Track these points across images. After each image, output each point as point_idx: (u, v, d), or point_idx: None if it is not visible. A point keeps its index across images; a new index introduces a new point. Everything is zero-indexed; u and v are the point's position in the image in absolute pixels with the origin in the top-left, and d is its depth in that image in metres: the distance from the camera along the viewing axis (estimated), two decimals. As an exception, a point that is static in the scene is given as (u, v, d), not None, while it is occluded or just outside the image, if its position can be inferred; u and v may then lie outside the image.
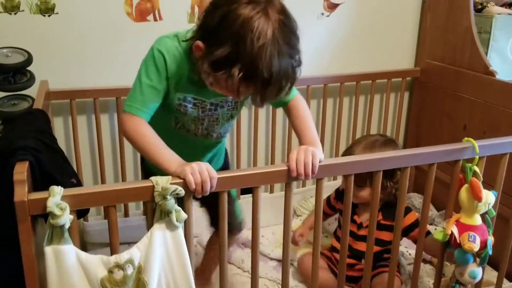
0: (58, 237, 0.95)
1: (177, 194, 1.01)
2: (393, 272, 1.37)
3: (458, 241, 1.28)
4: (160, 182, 1.01)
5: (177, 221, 1.03)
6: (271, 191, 2.15)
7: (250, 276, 1.73)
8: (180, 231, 1.05)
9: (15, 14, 1.66)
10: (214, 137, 1.31)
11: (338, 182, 2.08)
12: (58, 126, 1.82)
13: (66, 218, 0.93)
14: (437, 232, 1.34)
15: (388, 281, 1.38)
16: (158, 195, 1.00)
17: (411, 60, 2.30)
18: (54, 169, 1.07)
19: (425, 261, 1.86)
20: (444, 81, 2.10)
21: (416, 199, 2.21)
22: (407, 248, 1.90)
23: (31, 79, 1.49)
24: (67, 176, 1.13)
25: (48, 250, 0.95)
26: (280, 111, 2.11)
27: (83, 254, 0.99)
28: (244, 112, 2.06)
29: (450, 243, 1.32)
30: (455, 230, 1.28)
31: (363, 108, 2.27)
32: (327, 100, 2.12)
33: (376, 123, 2.32)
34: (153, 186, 1.00)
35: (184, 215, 1.03)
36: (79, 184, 1.19)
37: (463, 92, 1.99)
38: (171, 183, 1.01)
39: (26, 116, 1.28)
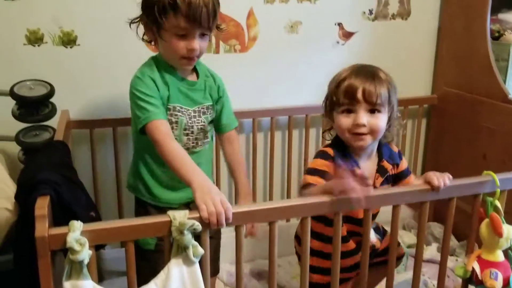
0: (77, 272, 0.96)
1: (194, 229, 1.01)
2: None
3: (480, 278, 1.25)
4: (177, 217, 1.01)
5: (194, 256, 1.03)
6: (288, 220, 2.14)
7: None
8: (197, 266, 1.05)
9: (38, 46, 1.71)
10: (203, 145, 1.44)
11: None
12: (78, 155, 1.84)
13: (85, 254, 0.94)
14: (458, 268, 1.31)
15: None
16: (175, 230, 1.01)
17: (428, 87, 2.29)
18: (74, 202, 1.09)
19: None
20: (462, 109, 2.08)
21: (436, 229, 2.18)
22: (430, 279, 1.86)
23: (53, 110, 1.53)
24: (86, 209, 1.15)
25: (67, 285, 0.96)
26: (295, 144, 2.12)
27: (100, 289, 0.99)
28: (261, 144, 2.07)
29: (472, 280, 1.30)
30: (476, 267, 1.26)
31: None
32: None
33: (393, 150, 2.30)
34: (170, 221, 1.01)
35: (201, 251, 1.04)
36: (98, 216, 1.21)
37: (482, 120, 1.97)
38: (188, 218, 1.02)
39: (47, 149, 1.31)
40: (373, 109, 1.27)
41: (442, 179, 1.24)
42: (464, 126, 2.08)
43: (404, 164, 1.45)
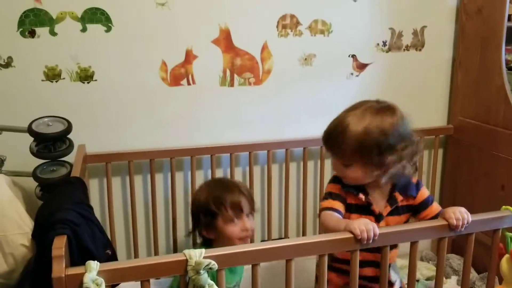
0: (93, 313, 0.96)
1: (210, 268, 1.01)
2: None
3: (502, 316, 1.22)
4: (193, 256, 1.01)
5: (210, 296, 1.02)
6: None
7: None
8: (213, 306, 1.04)
9: (56, 82, 1.75)
10: None
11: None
12: (94, 188, 1.86)
13: (102, 294, 0.94)
14: (479, 305, 1.28)
15: None
16: (192, 269, 1.00)
17: (444, 118, 2.28)
18: (91, 241, 1.09)
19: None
20: (479, 139, 2.06)
21: (454, 261, 2.13)
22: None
23: (70, 146, 1.55)
24: (102, 247, 1.15)
25: (84, 325, 0.96)
26: (311, 176, 2.11)
27: (117, 329, 0.99)
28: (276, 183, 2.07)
29: (494, 318, 1.26)
30: (498, 304, 1.22)
31: (395, 165, 2.24)
32: (358, 158, 2.10)
33: (409, 181, 2.27)
34: (186, 260, 1.01)
35: (217, 290, 1.03)
36: (113, 254, 1.21)
37: (499, 151, 1.95)
38: (205, 257, 1.01)
39: (64, 186, 1.32)
40: (344, 163, 1.32)
41: (461, 219, 1.21)
42: (481, 157, 2.05)
43: (423, 194, 1.41)
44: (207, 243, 1.59)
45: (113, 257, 1.21)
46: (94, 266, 0.96)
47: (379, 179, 1.30)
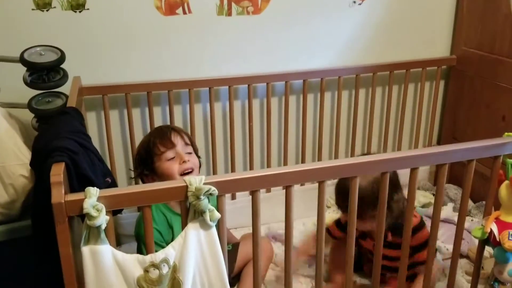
0: (94, 237, 0.97)
1: (210, 194, 1.01)
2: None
3: (498, 240, 1.24)
4: (193, 182, 1.01)
5: (210, 220, 1.03)
6: (302, 184, 2.13)
7: (282, 270, 1.73)
8: (214, 231, 1.05)
9: (47, 11, 1.68)
10: None
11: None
12: (91, 121, 1.84)
13: (102, 219, 0.95)
14: (475, 230, 1.30)
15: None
16: (192, 195, 1.00)
17: (447, 48, 2.22)
18: (89, 169, 1.08)
19: (461, 256, 1.82)
20: (482, 70, 2.02)
21: (451, 190, 2.16)
22: (444, 243, 1.85)
23: (64, 76, 1.51)
24: (102, 175, 1.15)
25: (85, 250, 0.97)
26: (310, 109, 2.09)
27: (119, 254, 1.00)
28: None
29: (489, 241, 1.28)
30: (494, 228, 1.24)
31: (396, 98, 2.22)
32: (359, 91, 2.08)
33: (410, 114, 2.26)
34: (186, 186, 1.00)
35: (217, 215, 1.03)
36: (113, 182, 1.21)
37: (503, 81, 1.91)
38: (205, 183, 1.01)
39: (61, 116, 1.30)
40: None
41: None
42: (483, 88, 2.02)
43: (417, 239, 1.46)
44: None
45: (113, 185, 1.21)
46: (93, 192, 0.96)
47: None
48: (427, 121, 2.28)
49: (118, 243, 1.90)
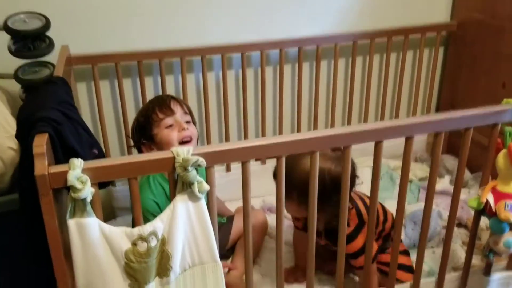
0: (80, 210, 0.94)
1: (198, 165, 0.98)
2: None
3: (494, 210, 1.22)
4: (180, 153, 0.98)
5: (199, 192, 1.00)
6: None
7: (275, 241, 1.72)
8: (203, 202, 1.03)
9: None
10: None
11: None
12: (82, 92, 1.80)
13: (87, 191, 0.92)
14: (471, 200, 1.28)
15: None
16: (179, 166, 0.97)
17: (447, 13, 2.16)
18: (75, 140, 1.05)
19: (459, 225, 1.81)
20: (484, 36, 1.97)
21: (448, 161, 2.13)
22: (444, 210, 1.84)
23: (50, 45, 1.46)
24: (88, 147, 1.12)
25: (71, 223, 0.94)
26: (306, 78, 2.05)
27: (106, 226, 0.98)
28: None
29: (485, 212, 1.27)
30: (490, 198, 1.22)
31: (394, 65, 2.17)
32: (356, 58, 2.03)
33: (408, 82, 2.22)
34: (173, 158, 0.98)
35: (206, 187, 1.01)
36: (101, 154, 1.18)
37: (504, 48, 1.86)
38: (193, 154, 0.98)
39: (47, 86, 1.26)
40: None
41: None
42: (483, 54, 1.97)
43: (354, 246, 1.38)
44: None
45: (101, 157, 1.18)
46: (77, 163, 0.93)
47: None
48: (425, 89, 2.23)
49: (112, 216, 1.90)
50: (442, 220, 1.79)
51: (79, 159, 0.94)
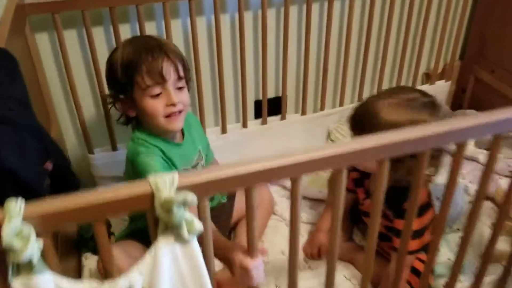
0: (26, 268, 0.69)
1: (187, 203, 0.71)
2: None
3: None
4: (161, 187, 0.70)
5: (189, 233, 0.74)
6: (303, 113, 1.83)
7: (281, 220, 1.52)
8: (194, 243, 0.77)
9: None
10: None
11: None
12: (43, 47, 1.47)
13: (31, 250, 0.65)
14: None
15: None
16: (160, 207, 0.70)
17: None
18: (15, 156, 0.76)
19: (487, 198, 1.59)
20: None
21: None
22: (472, 183, 1.62)
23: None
24: (38, 161, 0.83)
25: (16, 285, 0.69)
26: (315, 21, 1.71)
27: (65, 283, 0.73)
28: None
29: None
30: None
31: (418, 8, 1.84)
32: (376, -1, 1.69)
33: (432, 28, 1.90)
34: (152, 193, 0.70)
35: (199, 227, 0.74)
36: (60, 164, 0.91)
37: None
38: (179, 188, 0.70)
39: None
40: None
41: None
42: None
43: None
44: (131, 122, 1.30)
45: (59, 171, 0.89)
46: (15, 209, 0.65)
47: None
48: (451, 32, 1.94)
49: (92, 184, 1.67)
50: (469, 196, 1.58)
51: (18, 200, 0.66)
